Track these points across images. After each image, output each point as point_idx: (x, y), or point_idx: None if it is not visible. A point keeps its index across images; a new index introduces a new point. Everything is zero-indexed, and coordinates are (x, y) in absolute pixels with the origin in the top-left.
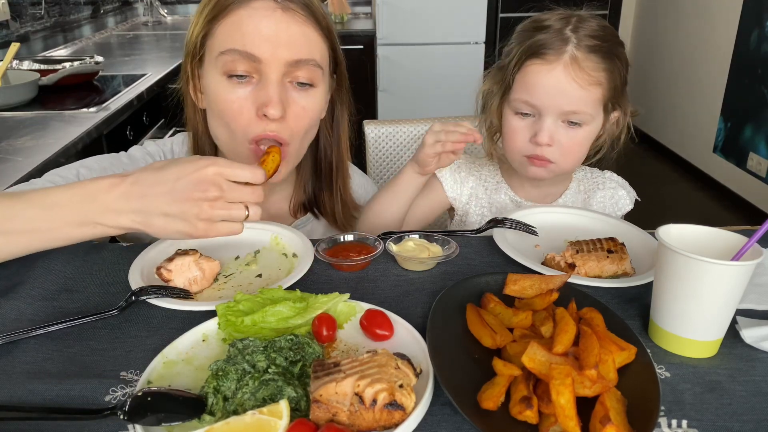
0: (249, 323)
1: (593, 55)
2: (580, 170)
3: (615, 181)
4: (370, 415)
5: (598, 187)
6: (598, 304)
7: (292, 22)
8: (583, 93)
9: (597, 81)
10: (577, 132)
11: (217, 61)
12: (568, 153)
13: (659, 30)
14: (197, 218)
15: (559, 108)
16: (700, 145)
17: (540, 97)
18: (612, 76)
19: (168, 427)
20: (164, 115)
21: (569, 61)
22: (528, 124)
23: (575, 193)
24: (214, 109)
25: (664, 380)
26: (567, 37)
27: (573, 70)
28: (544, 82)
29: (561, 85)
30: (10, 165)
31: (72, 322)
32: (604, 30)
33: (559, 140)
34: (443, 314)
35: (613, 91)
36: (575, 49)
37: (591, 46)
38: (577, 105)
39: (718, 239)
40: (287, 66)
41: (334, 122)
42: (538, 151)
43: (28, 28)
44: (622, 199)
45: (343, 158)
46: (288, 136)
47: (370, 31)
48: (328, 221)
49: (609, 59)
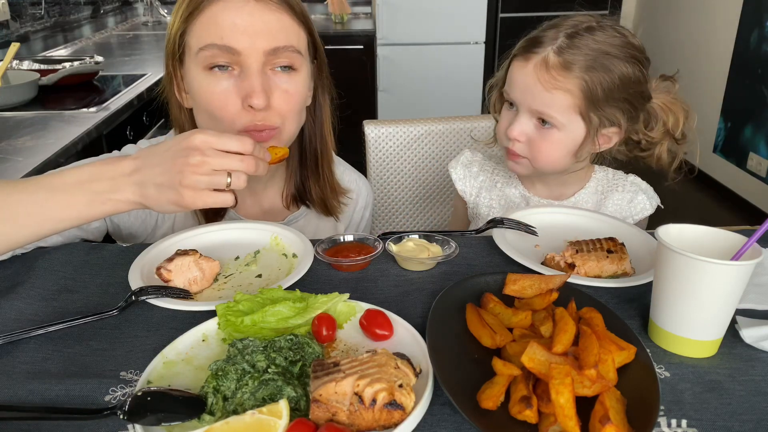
0: (249, 323)
1: (569, 63)
2: (601, 171)
3: (637, 185)
4: (369, 414)
5: (616, 189)
6: (597, 303)
7: (266, 11)
8: (547, 96)
9: (564, 87)
10: (549, 133)
11: (197, 57)
12: (538, 152)
13: (659, 30)
14: (182, 185)
15: (528, 105)
16: (700, 145)
17: (515, 91)
18: (588, 87)
19: (168, 426)
20: (164, 115)
21: (540, 62)
22: (510, 116)
23: (591, 194)
24: (200, 105)
25: (664, 380)
26: (554, 39)
27: (540, 71)
28: (518, 78)
29: (528, 83)
30: (10, 165)
31: (72, 322)
32: (606, 44)
33: (530, 137)
34: (443, 314)
35: (590, 102)
36: (553, 52)
37: (569, 54)
38: (542, 106)
39: (718, 239)
40: (266, 55)
41: (316, 108)
42: (510, 144)
43: (28, 28)
44: (641, 203)
45: (327, 144)
46: (277, 121)
47: (370, 31)
48: (319, 210)
49: (589, 70)
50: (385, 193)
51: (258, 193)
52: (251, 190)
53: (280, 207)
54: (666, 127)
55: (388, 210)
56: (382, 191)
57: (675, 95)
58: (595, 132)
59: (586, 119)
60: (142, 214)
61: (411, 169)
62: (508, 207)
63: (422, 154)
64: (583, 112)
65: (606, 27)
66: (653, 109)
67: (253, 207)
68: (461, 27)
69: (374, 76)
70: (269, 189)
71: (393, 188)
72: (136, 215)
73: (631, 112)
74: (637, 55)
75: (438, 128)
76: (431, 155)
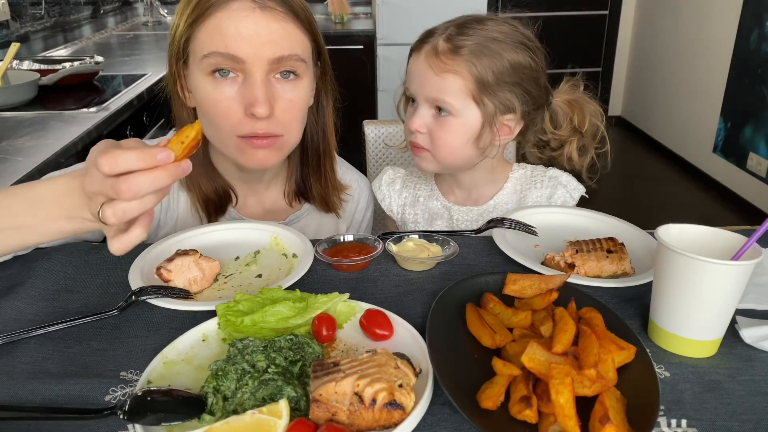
0: (249, 323)
1: (458, 48)
2: (520, 169)
3: (556, 179)
4: (369, 414)
5: (534, 185)
6: (597, 303)
7: (271, 20)
8: (439, 80)
9: (453, 70)
10: (446, 121)
11: (201, 63)
12: (437, 141)
13: (659, 30)
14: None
15: (425, 94)
16: (700, 144)
17: (412, 84)
18: (477, 70)
19: (168, 426)
20: (164, 114)
21: (431, 50)
22: (411, 111)
23: (510, 194)
24: (202, 108)
25: (664, 380)
26: (444, 30)
27: (430, 58)
28: (413, 69)
29: (422, 71)
30: (10, 165)
31: (72, 322)
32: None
33: (429, 128)
34: (443, 314)
35: (481, 86)
36: (443, 40)
37: (458, 40)
38: (435, 92)
39: (718, 239)
40: (270, 63)
41: (319, 109)
42: (412, 137)
43: (28, 28)
44: (561, 198)
45: (329, 144)
46: (279, 129)
47: (370, 31)
48: (319, 207)
49: (477, 54)
50: None
51: (260, 193)
52: (252, 189)
53: (281, 206)
54: (572, 124)
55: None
56: None
57: (579, 94)
58: (491, 119)
59: (480, 104)
60: None
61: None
62: (432, 219)
63: None
64: (476, 97)
65: (496, 18)
66: (559, 107)
67: (255, 206)
68: None
69: (374, 76)
70: (271, 188)
71: None
72: None
73: (526, 97)
74: (526, 42)
75: None
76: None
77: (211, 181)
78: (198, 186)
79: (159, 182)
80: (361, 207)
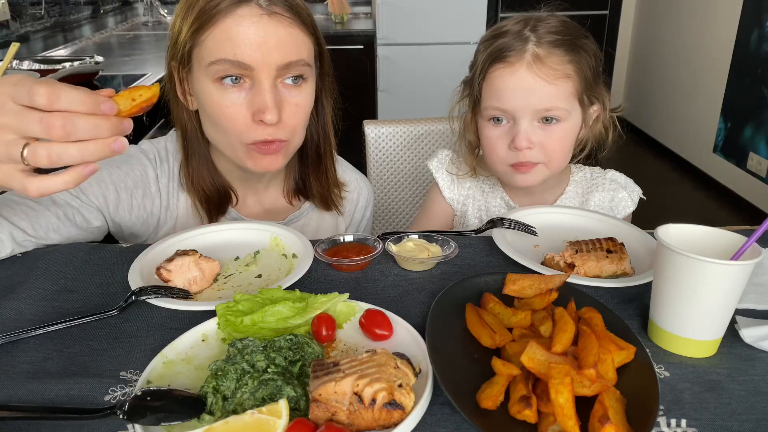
0: (248, 323)
1: (556, 50)
2: (579, 171)
3: (616, 182)
4: (369, 414)
5: (596, 188)
6: (597, 303)
7: (279, 26)
8: (552, 89)
9: (564, 74)
10: (555, 129)
11: (208, 70)
12: (551, 152)
13: (659, 30)
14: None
15: (531, 108)
16: (700, 145)
17: (509, 100)
18: (580, 68)
19: (167, 426)
20: (164, 115)
21: (531, 60)
22: (504, 131)
23: (572, 197)
24: (209, 115)
25: (664, 380)
26: (526, 37)
27: (537, 68)
28: (511, 85)
29: (528, 85)
30: None
31: (72, 322)
32: (564, 25)
33: (538, 141)
34: (442, 314)
35: (585, 82)
36: (536, 46)
37: (552, 42)
38: (548, 102)
39: (718, 239)
40: (278, 70)
41: (319, 108)
42: (521, 157)
43: (28, 28)
44: (623, 201)
45: (329, 142)
46: (286, 134)
47: (370, 31)
48: (319, 205)
49: (573, 51)
50: (385, 193)
51: (259, 192)
52: (252, 189)
53: (281, 205)
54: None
55: (388, 210)
56: (382, 191)
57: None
58: (587, 115)
59: (582, 103)
60: (144, 214)
61: (411, 169)
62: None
63: (422, 154)
64: (580, 96)
65: (547, 17)
66: None
67: (255, 206)
68: (461, 27)
69: (374, 76)
70: (271, 188)
71: (393, 188)
72: (137, 215)
73: (606, 86)
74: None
75: (438, 128)
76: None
77: (211, 181)
78: (198, 186)
79: (97, 130)
80: (361, 206)
